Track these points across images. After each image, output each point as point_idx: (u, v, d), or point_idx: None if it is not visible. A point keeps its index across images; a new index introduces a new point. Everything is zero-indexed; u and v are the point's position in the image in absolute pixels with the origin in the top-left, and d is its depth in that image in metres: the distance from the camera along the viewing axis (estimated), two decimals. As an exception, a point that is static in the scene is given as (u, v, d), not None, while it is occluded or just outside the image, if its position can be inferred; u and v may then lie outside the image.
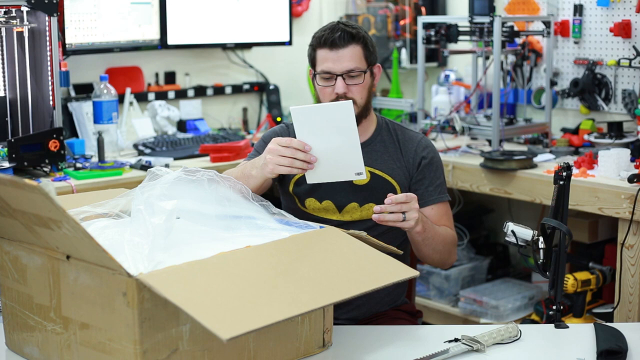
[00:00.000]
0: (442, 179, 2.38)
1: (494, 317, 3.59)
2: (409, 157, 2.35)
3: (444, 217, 2.36)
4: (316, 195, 2.33)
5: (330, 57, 2.25)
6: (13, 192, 1.53)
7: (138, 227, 1.67)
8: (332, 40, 2.25)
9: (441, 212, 2.35)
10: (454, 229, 2.38)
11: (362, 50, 2.27)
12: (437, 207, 2.35)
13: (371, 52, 2.31)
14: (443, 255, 2.30)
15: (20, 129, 3.08)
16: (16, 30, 3.01)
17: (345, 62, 2.25)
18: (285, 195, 2.40)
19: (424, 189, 2.34)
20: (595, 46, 3.69)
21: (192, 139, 3.69)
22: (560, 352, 1.87)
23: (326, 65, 2.26)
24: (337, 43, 2.24)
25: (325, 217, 2.32)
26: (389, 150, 2.36)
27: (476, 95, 3.85)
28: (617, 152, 3.03)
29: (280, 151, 2.03)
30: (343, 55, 2.25)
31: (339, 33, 2.25)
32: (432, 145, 2.40)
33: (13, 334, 1.77)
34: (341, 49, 2.25)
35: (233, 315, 1.44)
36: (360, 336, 1.90)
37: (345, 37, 2.25)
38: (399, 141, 2.37)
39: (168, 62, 4.03)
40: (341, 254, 1.78)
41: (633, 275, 2.86)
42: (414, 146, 2.36)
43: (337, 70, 2.25)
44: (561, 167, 2.05)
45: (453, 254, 2.35)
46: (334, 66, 2.25)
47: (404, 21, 4.35)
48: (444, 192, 2.37)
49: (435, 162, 2.37)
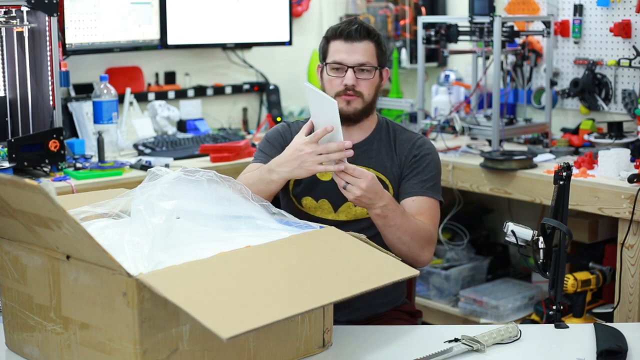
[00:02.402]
0: (432, 178, 2.33)
1: (494, 317, 3.59)
2: (403, 155, 2.35)
3: (426, 213, 2.28)
4: (313, 194, 2.33)
5: (344, 49, 2.28)
6: (13, 192, 1.53)
7: (138, 227, 1.67)
8: (349, 32, 2.28)
9: (422, 207, 2.29)
10: (434, 227, 2.30)
11: (375, 49, 2.31)
12: (419, 200, 2.29)
13: (383, 52, 2.34)
14: (411, 248, 2.19)
15: (20, 129, 3.08)
16: (16, 30, 3.01)
17: (358, 55, 2.28)
18: (284, 195, 2.40)
19: (408, 181, 2.32)
20: (595, 46, 3.69)
21: (192, 139, 3.69)
22: (560, 352, 1.87)
23: (339, 56, 2.28)
24: (352, 35, 2.28)
25: (321, 216, 2.32)
26: (384, 149, 2.37)
27: (476, 95, 3.85)
28: (617, 152, 3.03)
29: (317, 150, 2.06)
30: (357, 48, 2.28)
31: (355, 26, 2.29)
32: (429, 145, 2.38)
33: (13, 334, 1.77)
34: (356, 42, 2.28)
35: (233, 315, 1.44)
36: (360, 336, 1.90)
37: (362, 32, 2.28)
38: (395, 141, 2.38)
39: (168, 62, 4.03)
40: (341, 254, 1.78)
41: (633, 275, 2.86)
42: (409, 145, 2.36)
43: (349, 62, 2.27)
44: (561, 167, 2.05)
45: (426, 251, 2.23)
46: (347, 57, 2.28)
47: (404, 21, 4.35)
48: (432, 190, 2.32)
49: (427, 160, 2.34)
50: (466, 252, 3.98)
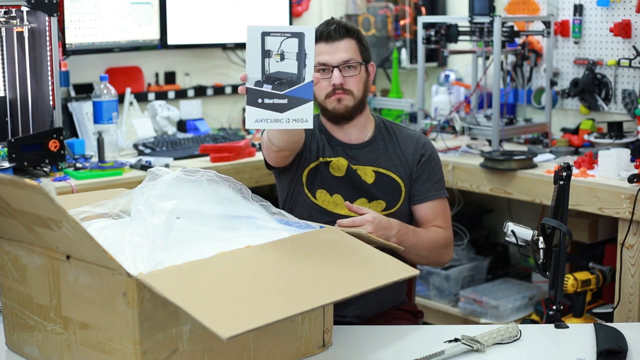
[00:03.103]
0: (440, 175, 2.42)
1: (494, 317, 3.59)
2: (409, 153, 2.39)
3: (440, 216, 2.38)
4: (327, 187, 2.34)
5: (326, 50, 2.29)
6: (13, 192, 1.53)
7: (138, 227, 1.67)
8: (328, 32, 2.30)
9: (437, 211, 2.38)
10: (449, 228, 2.40)
11: (357, 45, 2.33)
12: (434, 204, 2.38)
13: (365, 47, 2.36)
14: (430, 259, 2.35)
15: (20, 129, 3.08)
16: (16, 30, 3.01)
17: (341, 54, 2.30)
18: (292, 184, 2.37)
19: (421, 185, 2.37)
20: (595, 46, 3.69)
21: (192, 139, 3.68)
22: (560, 352, 1.87)
23: (322, 58, 2.29)
24: (332, 36, 2.30)
25: (334, 211, 2.32)
26: (390, 148, 2.39)
27: (476, 95, 3.85)
28: (617, 152, 3.03)
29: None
30: (339, 47, 2.30)
31: (334, 26, 2.31)
32: (429, 142, 2.44)
33: (13, 334, 1.77)
34: (337, 42, 2.30)
35: (233, 315, 1.44)
36: (360, 336, 1.90)
37: (341, 30, 2.30)
38: (397, 139, 2.41)
39: (168, 62, 4.03)
40: (341, 254, 1.78)
41: (633, 275, 2.86)
42: (413, 143, 2.40)
43: (333, 62, 2.29)
44: (561, 167, 2.05)
45: (445, 255, 2.37)
46: (330, 58, 2.29)
47: (404, 21, 4.35)
48: (442, 189, 2.41)
49: (434, 159, 2.41)
50: (466, 252, 3.98)
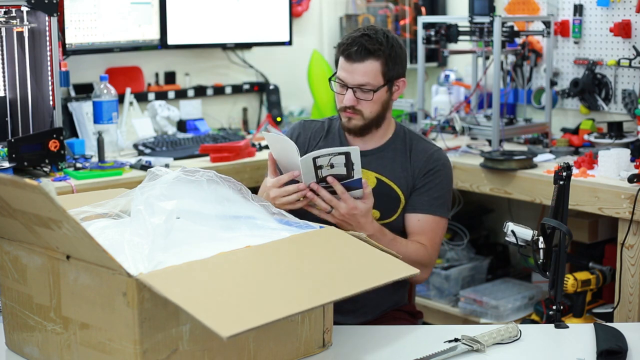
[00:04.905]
0: (442, 193, 2.33)
1: (494, 317, 3.59)
2: (417, 167, 2.34)
3: (428, 234, 2.30)
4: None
5: (345, 68, 2.26)
6: (13, 192, 1.53)
7: (138, 227, 1.67)
8: (349, 53, 2.24)
9: (426, 227, 2.30)
10: (433, 249, 2.30)
11: (380, 67, 2.25)
12: (426, 218, 2.31)
13: (391, 67, 2.27)
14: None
15: (20, 129, 3.08)
16: (16, 30, 3.01)
17: (358, 77, 2.25)
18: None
19: (418, 196, 2.32)
20: (595, 46, 3.69)
21: (192, 139, 3.69)
22: (560, 352, 1.87)
23: (341, 74, 2.27)
24: (352, 57, 2.24)
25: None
26: (399, 158, 2.35)
27: (476, 95, 3.85)
28: (617, 152, 3.03)
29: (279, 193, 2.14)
30: (357, 69, 2.24)
31: (355, 48, 2.23)
32: (446, 160, 2.36)
33: (13, 334, 1.77)
34: (356, 63, 2.24)
35: (233, 314, 1.45)
36: (360, 336, 1.90)
37: (362, 53, 2.23)
38: (410, 151, 2.36)
39: (168, 62, 4.03)
40: (341, 253, 1.78)
41: (633, 275, 2.86)
42: (425, 157, 2.34)
43: (349, 82, 2.26)
44: (561, 167, 2.05)
45: (420, 274, 2.11)
46: (347, 77, 2.26)
47: (404, 21, 4.35)
48: (441, 207, 2.32)
49: (441, 175, 2.33)
50: (466, 252, 3.98)
